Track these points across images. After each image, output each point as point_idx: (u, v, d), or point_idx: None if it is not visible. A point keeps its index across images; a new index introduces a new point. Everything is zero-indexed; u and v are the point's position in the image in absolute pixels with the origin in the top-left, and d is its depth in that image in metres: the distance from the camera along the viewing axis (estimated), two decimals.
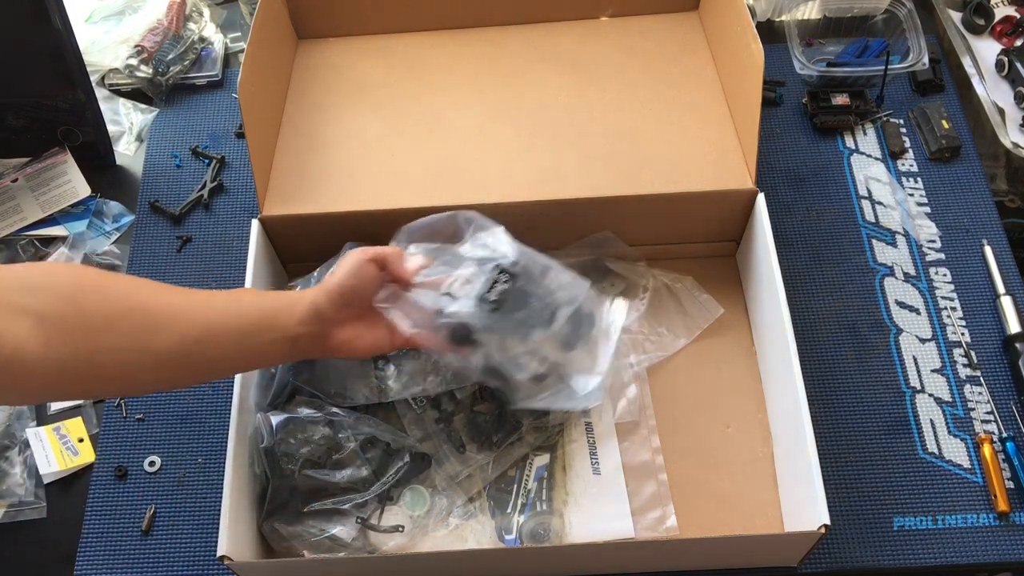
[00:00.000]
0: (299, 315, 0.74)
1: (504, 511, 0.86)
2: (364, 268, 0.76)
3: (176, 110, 1.17)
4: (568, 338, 0.82)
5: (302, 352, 0.77)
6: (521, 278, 0.79)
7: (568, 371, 0.84)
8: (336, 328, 0.77)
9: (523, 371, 0.80)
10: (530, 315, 0.79)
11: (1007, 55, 1.14)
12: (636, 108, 1.01)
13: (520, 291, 0.79)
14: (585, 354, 0.84)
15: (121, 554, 0.86)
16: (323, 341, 0.76)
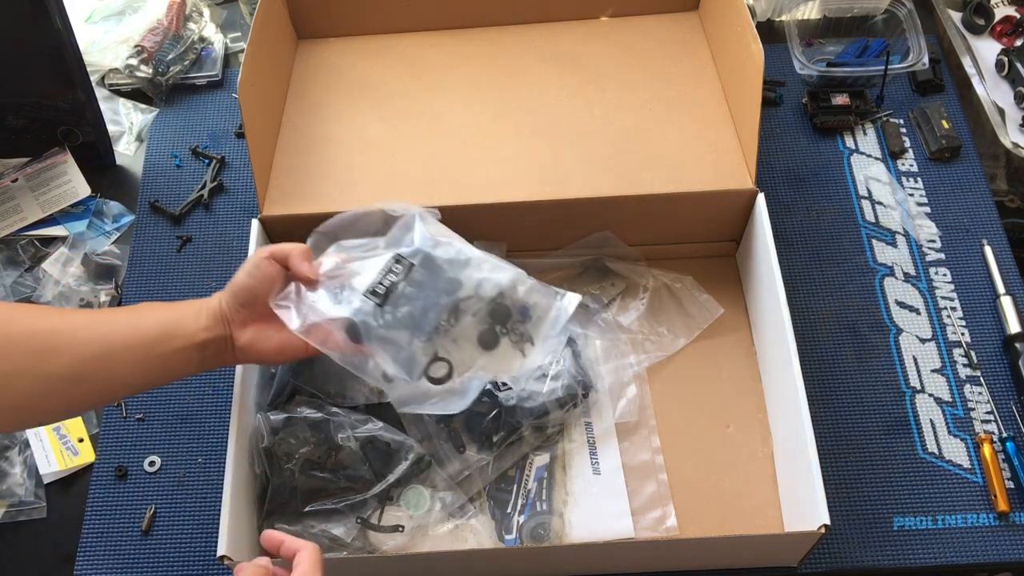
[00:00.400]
0: (203, 319, 0.73)
1: (504, 511, 0.86)
2: (262, 266, 0.74)
3: (176, 110, 1.17)
4: (485, 336, 0.76)
5: (214, 358, 0.74)
6: (420, 269, 0.74)
7: (484, 373, 0.77)
8: (239, 330, 0.74)
9: (416, 372, 0.74)
10: (427, 309, 0.73)
11: (1007, 55, 1.14)
12: (636, 108, 1.01)
13: (416, 283, 0.73)
14: (511, 353, 0.78)
15: (121, 554, 0.86)
16: (230, 344, 0.74)
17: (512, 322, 0.79)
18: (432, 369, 0.75)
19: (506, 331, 0.78)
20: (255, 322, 0.75)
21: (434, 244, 0.76)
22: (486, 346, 0.77)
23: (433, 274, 0.74)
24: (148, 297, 1.01)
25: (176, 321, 0.72)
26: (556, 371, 0.89)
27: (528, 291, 0.79)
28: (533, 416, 0.87)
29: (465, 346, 0.76)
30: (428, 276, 0.74)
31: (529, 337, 0.79)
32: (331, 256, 0.78)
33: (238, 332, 0.74)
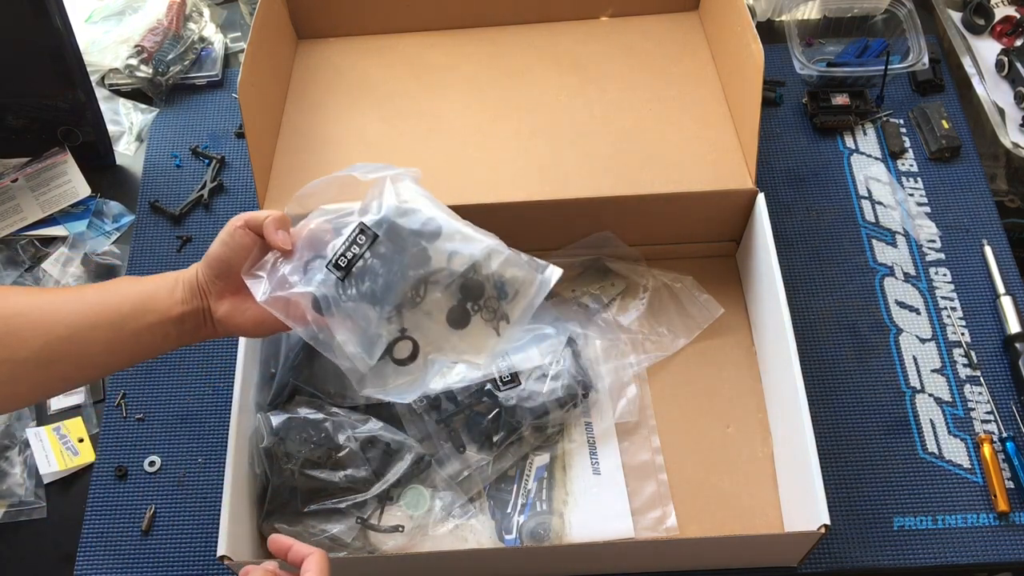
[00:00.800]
0: (179, 292, 0.70)
1: (504, 511, 0.86)
2: (236, 235, 0.71)
3: (176, 110, 1.17)
4: (455, 313, 0.71)
5: (192, 332, 0.72)
6: (385, 240, 0.69)
7: (453, 354, 0.72)
8: (216, 301, 0.71)
9: (376, 351, 0.70)
10: (391, 284, 0.69)
11: (1007, 55, 1.14)
12: (636, 108, 1.01)
13: (381, 255, 0.69)
14: (483, 331, 0.73)
15: (121, 554, 0.86)
16: (209, 317, 0.72)
17: (486, 298, 0.74)
18: (396, 349, 0.71)
19: (478, 308, 0.73)
20: (232, 294, 0.72)
21: (401, 212, 0.70)
22: (455, 324, 0.72)
23: (399, 245, 0.69)
24: None
25: (150, 295, 0.70)
26: (556, 371, 0.89)
27: (504, 263, 0.73)
28: (533, 416, 0.87)
29: (433, 325, 0.71)
30: (393, 248, 0.69)
31: (504, 315, 0.74)
32: (313, 219, 0.74)
33: (215, 304, 0.71)
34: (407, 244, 0.70)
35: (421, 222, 0.71)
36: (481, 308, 0.74)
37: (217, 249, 0.71)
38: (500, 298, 0.74)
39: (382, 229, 0.69)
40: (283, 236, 0.71)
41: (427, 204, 0.72)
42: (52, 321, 0.67)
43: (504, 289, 0.73)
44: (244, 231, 0.71)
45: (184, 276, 0.72)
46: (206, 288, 0.71)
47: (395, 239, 0.69)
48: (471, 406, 0.87)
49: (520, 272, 0.74)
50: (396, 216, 0.70)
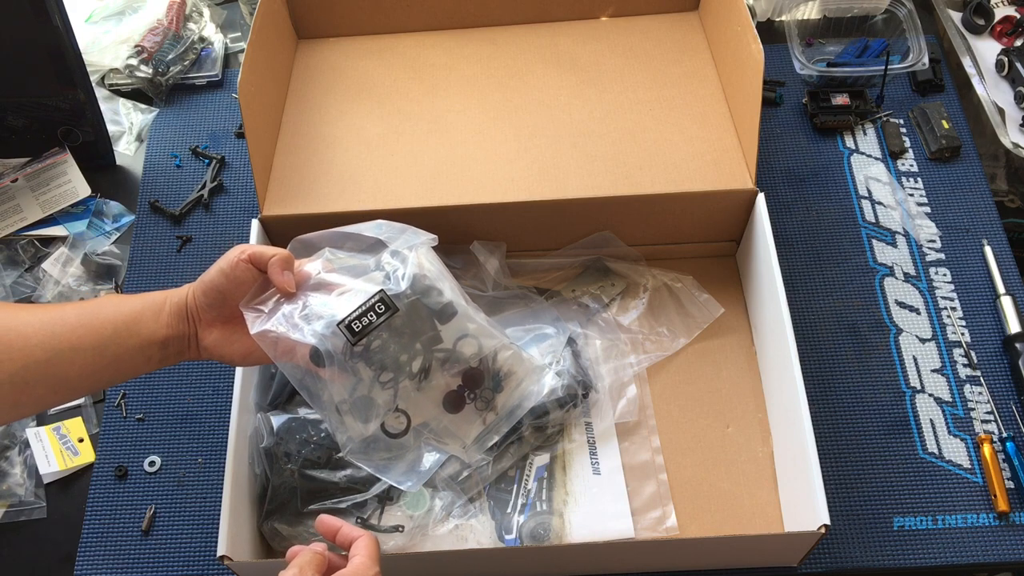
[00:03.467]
0: (166, 316, 0.69)
1: (504, 511, 0.86)
2: (238, 268, 0.69)
3: (176, 110, 1.17)
4: (452, 397, 0.70)
5: (175, 355, 0.71)
6: (404, 315, 0.67)
7: (439, 437, 0.71)
8: (205, 329, 0.70)
9: (373, 417, 0.69)
10: (398, 357, 0.67)
11: (1007, 55, 1.14)
12: (636, 108, 1.01)
13: (395, 329, 0.67)
14: (472, 418, 0.73)
15: (121, 554, 0.86)
16: (195, 342, 0.71)
17: (483, 389, 0.73)
18: (389, 421, 0.69)
19: (474, 396, 0.73)
20: (223, 323, 0.71)
21: (424, 290, 0.69)
22: (450, 408, 0.71)
23: (415, 322, 0.68)
24: None
25: (134, 318, 0.68)
26: (556, 371, 0.89)
27: (510, 359, 0.73)
28: (533, 416, 0.87)
29: (428, 404, 0.70)
30: (409, 323, 0.68)
31: (494, 406, 0.73)
32: (316, 263, 0.72)
33: (204, 331, 0.70)
34: (423, 323, 0.69)
35: (442, 303, 0.69)
36: (477, 397, 0.73)
37: (216, 279, 0.69)
38: (494, 390, 0.73)
39: (403, 303, 0.68)
40: (288, 278, 0.70)
41: (445, 281, 0.71)
42: (31, 344, 0.65)
43: (500, 382, 0.73)
44: (247, 266, 0.69)
45: (172, 299, 0.70)
46: (196, 314, 0.70)
47: (413, 315, 0.68)
48: None
49: (521, 370, 0.74)
50: (418, 293, 0.69)
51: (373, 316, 0.67)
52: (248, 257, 0.69)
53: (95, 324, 0.68)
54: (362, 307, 0.67)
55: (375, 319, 0.66)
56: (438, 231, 0.77)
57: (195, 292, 0.70)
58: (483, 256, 0.96)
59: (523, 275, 1.01)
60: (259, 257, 0.69)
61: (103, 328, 0.67)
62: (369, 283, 0.69)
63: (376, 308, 0.67)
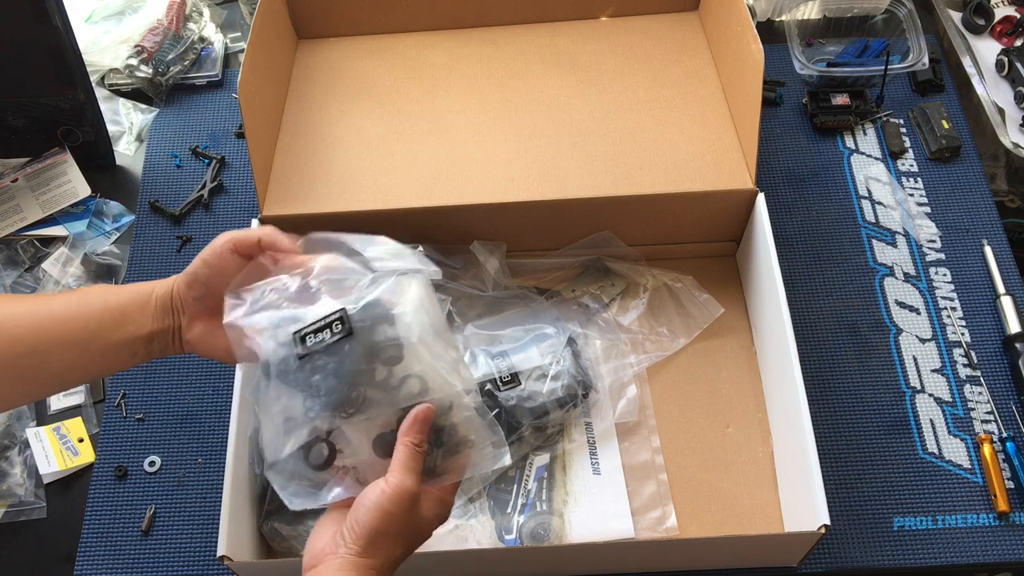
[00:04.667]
0: (152, 309, 0.66)
1: (504, 511, 0.86)
2: (224, 258, 0.65)
3: (176, 110, 1.17)
4: (384, 440, 0.62)
5: (161, 350, 0.68)
6: (359, 339, 0.62)
7: (363, 479, 0.63)
8: (188, 322, 0.67)
9: (286, 447, 0.63)
10: (335, 384, 0.62)
11: (1007, 55, 1.14)
12: (636, 108, 1.01)
13: (344, 354, 0.62)
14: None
15: (121, 554, 0.86)
16: (178, 336, 0.68)
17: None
18: (313, 452, 0.63)
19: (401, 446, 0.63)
20: (207, 317, 0.67)
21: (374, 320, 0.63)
22: (379, 450, 0.63)
23: (363, 352, 0.62)
24: None
25: (120, 312, 0.66)
26: (556, 371, 0.89)
27: (464, 421, 0.64)
28: (533, 416, 0.87)
29: (358, 441, 0.63)
30: (358, 351, 0.62)
31: (432, 468, 0.63)
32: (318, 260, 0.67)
33: (187, 324, 0.67)
34: (370, 355, 0.62)
35: (386, 342, 0.62)
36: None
37: (201, 269, 0.66)
38: (435, 445, 0.63)
39: (359, 327, 0.62)
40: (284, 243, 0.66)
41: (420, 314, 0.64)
42: (13, 337, 0.64)
43: (443, 439, 0.63)
44: (233, 255, 0.66)
45: (158, 291, 0.67)
46: (180, 307, 0.67)
47: (364, 343, 0.62)
48: None
49: (474, 436, 0.64)
50: (378, 320, 0.63)
51: (327, 334, 0.62)
52: (235, 244, 0.66)
53: (82, 318, 0.66)
54: (320, 322, 0.62)
55: (328, 337, 0.62)
56: (438, 231, 0.77)
57: (179, 284, 0.67)
58: (483, 256, 0.96)
59: (523, 275, 1.01)
60: (244, 242, 0.66)
61: (89, 322, 0.66)
62: (341, 299, 0.64)
63: (333, 326, 0.62)
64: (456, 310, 0.95)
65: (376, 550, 0.59)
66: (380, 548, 0.59)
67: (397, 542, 0.60)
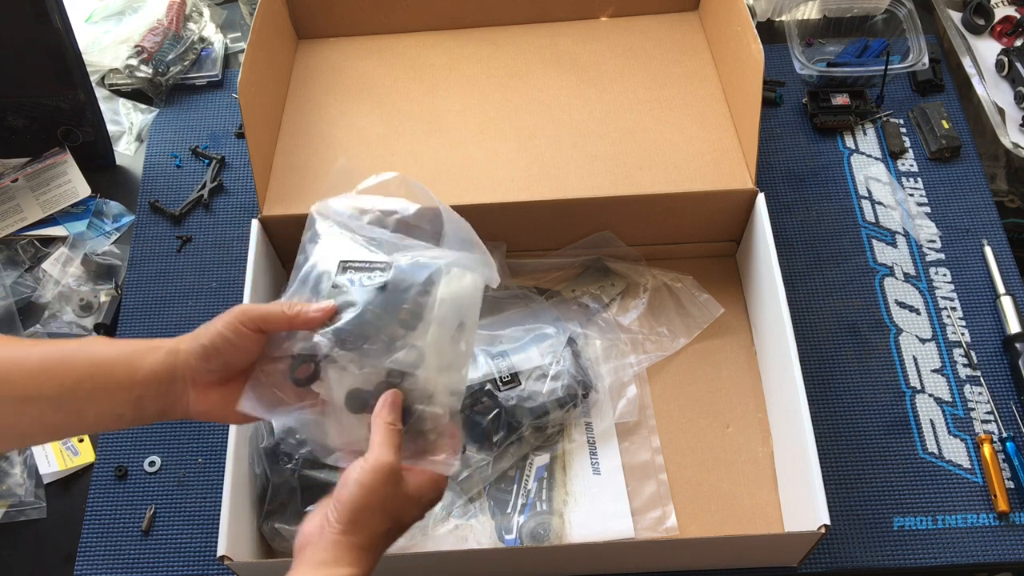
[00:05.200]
0: (145, 371, 0.60)
1: (504, 511, 0.86)
2: (243, 338, 0.61)
3: (176, 110, 1.17)
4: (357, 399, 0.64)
5: (156, 416, 0.62)
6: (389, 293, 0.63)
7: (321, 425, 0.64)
8: (200, 393, 0.62)
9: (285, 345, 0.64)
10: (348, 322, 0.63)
11: (1007, 55, 1.14)
12: (636, 108, 1.01)
13: (371, 298, 0.63)
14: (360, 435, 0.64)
15: (121, 554, 0.86)
16: (183, 406, 0.62)
17: None
18: (300, 367, 0.63)
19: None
20: (221, 385, 0.63)
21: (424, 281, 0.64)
22: (350, 404, 0.63)
23: (392, 306, 0.63)
24: (148, 297, 1.01)
25: (105, 371, 0.60)
26: (556, 371, 0.89)
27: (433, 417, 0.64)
28: (533, 416, 0.87)
29: (340, 383, 0.63)
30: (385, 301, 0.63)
31: None
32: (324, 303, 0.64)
33: (198, 395, 0.62)
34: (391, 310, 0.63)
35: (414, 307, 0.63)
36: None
37: (218, 343, 0.61)
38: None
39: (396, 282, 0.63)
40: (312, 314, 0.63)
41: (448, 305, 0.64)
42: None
43: (406, 421, 0.63)
44: (253, 334, 0.62)
45: (157, 354, 0.61)
46: (190, 377, 0.62)
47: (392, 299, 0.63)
48: (471, 406, 0.87)
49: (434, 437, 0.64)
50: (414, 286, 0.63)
51: (366, 276, 0.63)
52: (253, 324, 0.62)
53: (58, 374, 0.60)
54: (366, 263, 0.64)
55: (366, 279, 0.63)
56: None
57: (191, 354, 0.62)
58: None
59: (523, 275, 1.01)
60: (259, 319, 0.62)
61: (66, 380, 0.60)
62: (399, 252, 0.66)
63: (374, 273, 0.64)
64: None
65: (359, 527, 0.58)
66: (363, 524, 0.58)
67: (380, 517, 0.59)
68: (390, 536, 0.60)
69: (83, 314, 1.01)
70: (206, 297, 1.01)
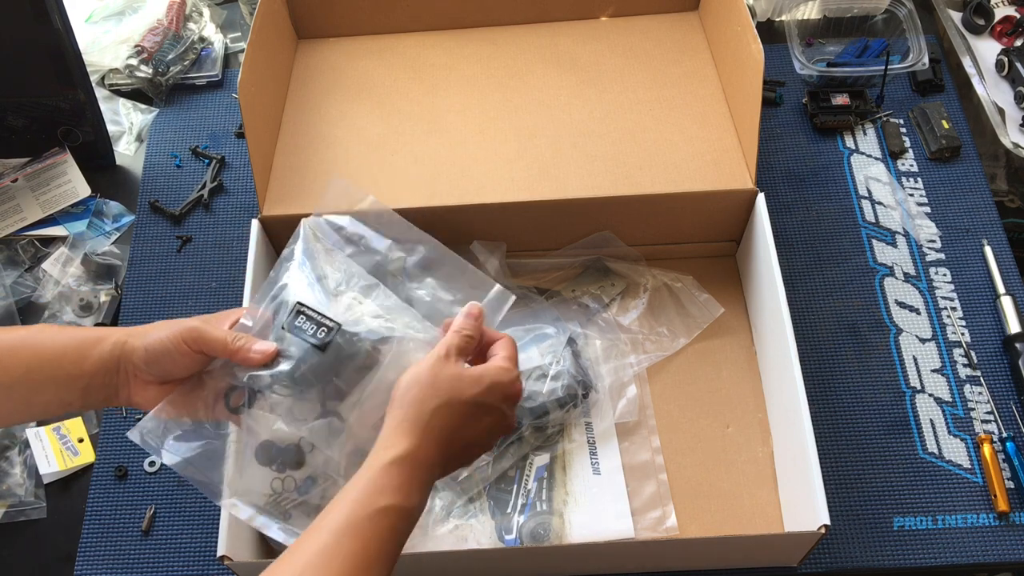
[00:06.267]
0: (93, 361, 0.63)
1: (504, 511, 0.86)
2: (180, 350, 0.63)
3: (176, 110, 1.17)
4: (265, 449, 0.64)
5: (103, 402, 0.65)
6: (329, 354, 0.63)
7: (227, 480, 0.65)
8: (140, 386, 0.65)
9: None
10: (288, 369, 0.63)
11: (1007, 55, 1.14)
12: (636, 108, 1.01)
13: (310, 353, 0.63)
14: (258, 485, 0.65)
15: (121, 554, 0.86)
16: (124, 395, 0.65)
17: (288, 476, 0.65)
18: (234, 395, 0.64)
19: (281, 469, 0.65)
20: (159, 385, 0.65)
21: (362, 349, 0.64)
22: (259, 454, 0.64)
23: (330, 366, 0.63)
24: (148, 297, 1.01)
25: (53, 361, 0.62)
26: (556, 371, 0.89)
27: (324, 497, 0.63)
28: (533, 416, 0.87)
29: (258, 427, 0.64)
30: (325, 361, 0.63)
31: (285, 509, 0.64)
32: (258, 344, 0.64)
33: (137, 388, 0.64)
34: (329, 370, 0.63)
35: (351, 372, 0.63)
36: (280, 479, 0.65)
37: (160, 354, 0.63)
38: (300, 492, 0.64)
39: (337, 345, 0.63)
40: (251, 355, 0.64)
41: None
42: None
43: (305, 493, 0.64)
44: (189, 350, 0.63)
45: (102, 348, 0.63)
46: (132, 371, 0.64)
47: (330, 359, 0.63)
48: None
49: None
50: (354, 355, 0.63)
51: (312, 330, 0.63)
52: (191, 342, 0.63)
53: (6, 364, 0.62)
54: (320, 316, 0.63)
55: (310, 333, 0.63)
56: (438, 231, 0.77)
57: (135, 352, 0.64)
58: (483, 256, 0.96)
59: (523, 275, 1.01)
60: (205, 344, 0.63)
61: (15, 369, 0.62)
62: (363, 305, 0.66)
63: (320, 331, 0.63)
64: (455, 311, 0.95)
65: (405, 402, 0.57)
66: (409, 399, 0.57)
67: (430, 392, 0.57)
68: (444, 415, 0.58)
69: (83, 314, 1.01)
70: (206, 297, 1.01)
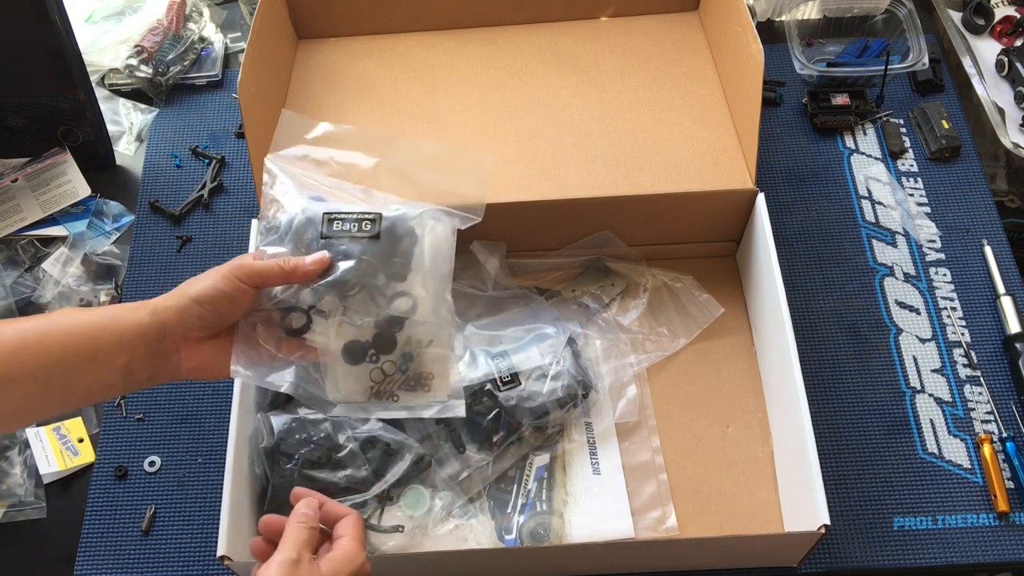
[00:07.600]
0: (132, 332, 0.60)
1: (504, 511, 0.86)
2: (235, 286, 0.63)
3: (176, 110, 1.17)
4: (354, 349, 0.66)
5: (148, 380, 0.62)
6: (381, 243, 0.65)
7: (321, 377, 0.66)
8: (191, 349, 0.63)
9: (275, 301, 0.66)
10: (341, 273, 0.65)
11: (1007, 55, 1.14)
12: (636, 108, 1.01)
13: (363, 248, 0.65)
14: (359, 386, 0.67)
15: (121, 554, 0.86)
16: (173, 366, 0.62)
17: (384, 362, 0.67)
18: (294, 316, 0.65)
19: (375, 359, 0.67)
20: (211, 339, 0.64)
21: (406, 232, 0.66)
22: (347, 357, 0.66)
23: (383, 255, 0.65)
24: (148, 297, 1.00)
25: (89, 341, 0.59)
26: (556, 371, 0.89)
27: (435, 360, 0.66)
28: (533, 416, 0.87)
29: (333, 331, 0.65)
30: (377, 251, 0.65)
31: (390, 391, 0.67)
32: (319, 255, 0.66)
33: (189, 352, 0.62)
34: (383, 260, 0.65)
35: (404, 256, 0.66)
36: (379, 367, 0.67)
37: (214, 297, 0.62)
38: (400, 371, 0.67)
39: (386, 232, 0.65)
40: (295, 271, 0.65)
41: (434, 251, 0.68)
42: None
43: (409, 376, 0.67)
44: (246, 288, 0.63)
45: (141, 314, 0.61)
46: (181, 335, 0.62)
47: (383, 248, 0.65)
48: (471, 406, 0.87)
49: (435, 382, 0.67)
50: (404, 235, 0.66)
51: (355, 227, 0.65)
52: (248, 278, 0.64)
53: (39, 350, 0.58)
54: (353, 214, 0.65)
55: (355, 230, 0.65)
56: None
57: (185, 310, 0.62)
58: (483, 256, 0.96)
59: (523, 275, 1.01)
60: (254, 275, 0.64)
61: (48, 354, 0.58)
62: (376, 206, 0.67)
63: (364, 224, 0.65)
64: (456, 310, 0.95)
65: None
66: None
67: None
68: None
69: None
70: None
